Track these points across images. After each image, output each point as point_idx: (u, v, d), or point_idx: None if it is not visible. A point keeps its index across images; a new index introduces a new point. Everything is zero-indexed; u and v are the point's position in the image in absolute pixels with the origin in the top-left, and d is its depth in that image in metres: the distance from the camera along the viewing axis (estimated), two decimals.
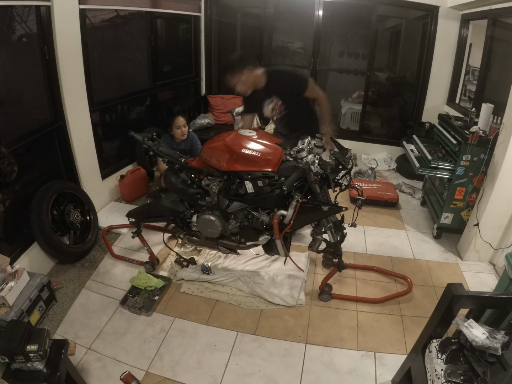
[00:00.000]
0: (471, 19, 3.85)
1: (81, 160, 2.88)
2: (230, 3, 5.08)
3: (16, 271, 1.96)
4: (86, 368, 1.86)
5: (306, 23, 4.70)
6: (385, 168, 4.50)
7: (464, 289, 1.39)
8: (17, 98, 2.37)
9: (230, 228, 2.19)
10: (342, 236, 2.19)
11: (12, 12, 2.18)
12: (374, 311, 2.28)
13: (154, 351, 1.97)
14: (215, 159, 2.10)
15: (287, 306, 2.28)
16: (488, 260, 2.76)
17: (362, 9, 4.50)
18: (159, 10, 3.65)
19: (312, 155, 2.02)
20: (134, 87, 3.65)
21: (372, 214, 3.43)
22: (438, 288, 2.48)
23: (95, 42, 2.99)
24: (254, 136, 2.13)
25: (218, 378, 1.84)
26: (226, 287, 2.40)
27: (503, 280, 1.96)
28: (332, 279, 2.38)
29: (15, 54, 2.31)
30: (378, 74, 5.26)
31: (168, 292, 2.37)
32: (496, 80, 3.46)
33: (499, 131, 2.49)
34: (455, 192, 2.82)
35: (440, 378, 1.35)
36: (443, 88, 4.28)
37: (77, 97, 2.74)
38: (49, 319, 2.15)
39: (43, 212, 2.32)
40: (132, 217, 2.47)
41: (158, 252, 2.74)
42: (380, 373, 1.88)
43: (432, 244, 3.01)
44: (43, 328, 1.49)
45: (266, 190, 2.02)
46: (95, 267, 2.59)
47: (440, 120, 3.41)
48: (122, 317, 2.18)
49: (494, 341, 1.28)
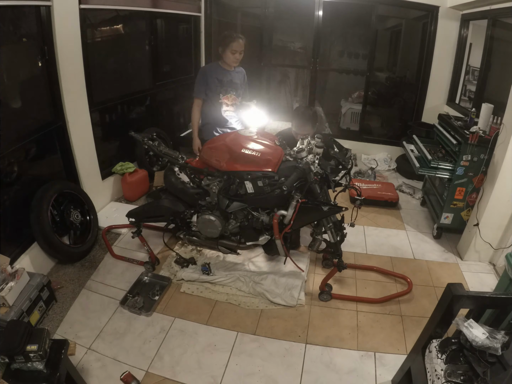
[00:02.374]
0: (471, 19, 3.85)
1: (81, 160, 2.88)
2: (230, 3, 5.09)
3: (16, 271, 1.96)
4: (86, 368, 1.86)
5: (306, 23, 4.70)
6: (385, 168, 4.50)
7: (464, 289, 1.39)
8: (17, 98, 2.36)
9: (230, 228, 2.19)
10: (342, 236, 2.19)
11: (12, 12, 2.18)
12: (374, 311, 2.28)
13: (154, 351, 1.97)
14: (215, 159, 2.10)
15: (287, 306, 2.28)
16: (488, 260, 2.76)
17: (362, 9, 4.50)
18: (159, 10, 3.65)
19: (312, 155, 2.03)
20: (134, 87, 3.65)
21: (372, 214, 3.43)
22: (438, 288, 2.48)
23: (95, 42, 2.99)
24: (254, 136, 2.13)
25: (218, 378, 1.84)
26: (226, 287, 2.40)
27: (503, 280, 1.96)
28: (332, 279, 2.39)
29: (15, 54, 2.31)
30: (378, 74, 5.27)
31: (168, 292, 2.37)
32: (496, 80, 3.46)
33: (499, 131, 2.49)
34: (455, 192, 2.82)
35: (440, 378, 1.35)
36: (443, 88, 4.28)
37: (77, 97, 2.74)
38: (49, 319, 2.14)
39: (43, 212, 2.32)
40: (132, 217, 2.47)
41: (158, 252, 2.74)
42: (380, 373, 1.88)
43: (432, 244, 3.01)
44: (43, 328, 1.49)
45: (266, 190, 2.02)
46: (95, 267, 2.58)
47: (440, 120, 3.41)
48: (122, 317, 2.18)
49: (494, 341, 1.28)
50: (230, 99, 2.74)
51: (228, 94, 2.72)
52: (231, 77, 2.70)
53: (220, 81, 2.66)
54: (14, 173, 2.36)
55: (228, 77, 2.69)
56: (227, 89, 2.70)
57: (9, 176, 2.32)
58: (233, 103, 2.76)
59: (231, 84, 2.70)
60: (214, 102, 2.71)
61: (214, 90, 2.67)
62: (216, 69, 2.68)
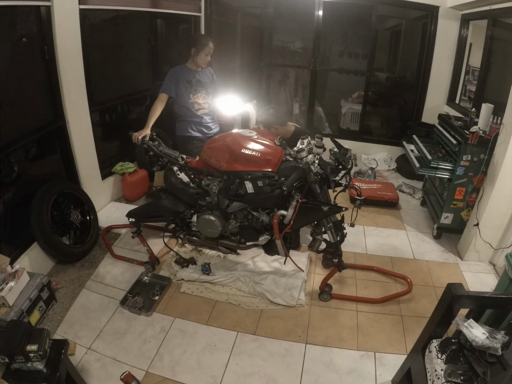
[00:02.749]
0: (471, 19, 3.85)
1: (81, 160, 2.88)
2: (230, 3, 5.08)
3: (16, 271, 1.96)
4: (86, 368, 1.86)
5: (306, 23, 4.70)
6: (385, 168, 4.50)
7: (464, 289, 1.39)
8: (17, 98, 2.36)
9: (230, 228, 2.19)
10: (342, 236, 2.19)
11: (12, 12, 2.18)
12: (374, 311, 2.28)
13: (154, 351, 1.97)
14: (215, 159, 2.10)
15: (287, 306, 2.28)
16: (488, 260, 2.76)
17: (362, 9, 4.50)
18: (159, 10, 3.65)
19: (312, 155, 2.03)
20: (134, 87, 3.64)
21: (372, 214, 3.43)
22: (438, 288, 2.48)
23: (95, 42, 2.99)
24: (254, 136, 2.13)
25: (218, 378, 1.84)
26: (226, 287, 2.40)
27: (503, 280, 1.96)
28: (332, 279, 2.39)
29: (15, 54, 2.31)
30: (378, 74, 5.27)
31: (168, 292, 2.37)
32: (496, 80, 3.46)
33: (499, 131, 2.49)
34: (455, 192, 2.82)
35: (440, 378, 1.35)
36: (443, 88, 4.28)
37: (77, 97, 2.74)
38: (49, 319, 2.14)
39: (43, 212, 2.32)
40: (132, 217, 2.47)
41: (158, 252, 2.74)
42: (380, 373, 1.88)
43: (432, 244, 3.01)
44: (43, 328, 1.49)
45: (266, 190, 2.02)
46: (95, 267, 2.58)
47: (440, 120, 3.41)
48: (122, 317, 2.18)
49: (494, 341, 1.28)
50: (201, 97, 2.84)
51: (198, 93, 2.83)
52: (199, 77, 2.82)
53: (189, 82, 2.77)
54: (14, 173, 2.36)
55: (196, 77, 2.81)
56: (196, 89, 2.81)
57: (9, 176, 2.33)
58: (204, 101, 2.87)
59: (200, 83, 2.82)
60: (185, 103, 2.81)
61: (184, 91, 2.77)
62: (184, 71, 2.78)
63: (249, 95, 3.02)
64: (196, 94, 2.81)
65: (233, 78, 5.19)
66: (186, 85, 2.76)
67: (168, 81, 2.75)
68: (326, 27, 4.73)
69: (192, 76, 2.78)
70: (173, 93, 2.75)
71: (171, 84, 2.74)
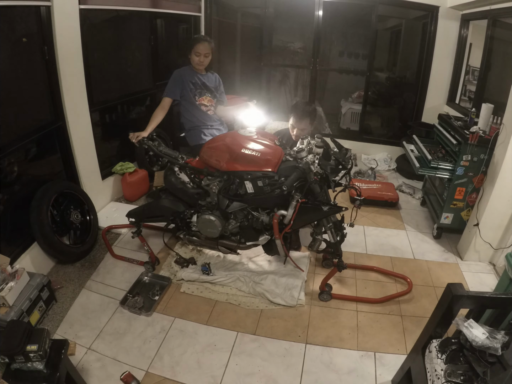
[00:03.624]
0: (471, 19, 3.86)
1: (81, 160, 2.88)
2: (230, 3, 5.09)
3: (16, 271, 1.96)
4: (86, 368, 1.86)
5: (306, 23, 4.71)
6: (385, 168, 4.50)
7: (464, 289, 1.39)
8: (17, 98, 2.36)
9: (230, 228, 2.19)
10: (342, 236, 2.19)
11: (12, 12, 2.18)
12: (374, 311, 2.28)
13: (154, 351, 1.97)
14: (215, 159, 2.10)
15: (287, 306, 2.28)
16: (488, 260, 2.76)
17: (362, 9, 4.51)
18: (159, 10, 3.65)
19: (312, 155, 2.03)
20: (134, 87, 3.64)
21: (372, 214, 3.43)
22: (438, 288, 2.48)
23: (95, 42, 2.99)
24: (254, 136, 2.13)
25: (218, 378, 1.84)
26: (226, 287, 2.40)
27: (503, 280, 1.96)
28: (332, 279, 2.39)
29: (15, 54, 2.31)
30: (378, 74, 5.27)
31: (168, 292, 2.37)
32: (496, 80, 3.46)
33: (499, 131, 2.49)
34: (455, 192, 2.82)
35: (440, 378, 1.35)
36: (443, 88, 4.28)
37: (77, 97, 2.74)
38: (49, 319, 2.14)
39: (43, 212, 2.31)
40: (132, 217, 2.47)
41: (158, 252, 2.74)
42: (380, 373, 1.88)
43: (432, 244, 3.01)
44: (43, 328, 1.49)
45: (266, 190, 2.02)
46: (95, 267, 2.58)
47: (440, 120, 3.41)
48: (122, 317, 2.18)
49: (494, 341, 1.28)
50: (206, 100, 2.76)
51: (203, 96, 2.74)
52: (203, 80, 2.74)
53: (194, 83, 2.69)
54: (14, 173, 2.36)
55: (201, 80, 2.72)
56: (201, 91, 2.73)
57: (9, 176, 2.32)
58: (210, 104, 2.78)
59: (205, 86, 2.74)
60: (192, 105, 2.73)
61: (190, 92, 2.69)
62: (189, 72, 2.70)
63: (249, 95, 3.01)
64: (201, 96, 2.73)
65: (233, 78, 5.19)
66: (191, 86, 2.68)
67: (171, 84, 2.67)
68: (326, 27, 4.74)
69: (196, 78, 2.70)
70: (178, 95, 2.67)
71: (175, 87, 2.66)
